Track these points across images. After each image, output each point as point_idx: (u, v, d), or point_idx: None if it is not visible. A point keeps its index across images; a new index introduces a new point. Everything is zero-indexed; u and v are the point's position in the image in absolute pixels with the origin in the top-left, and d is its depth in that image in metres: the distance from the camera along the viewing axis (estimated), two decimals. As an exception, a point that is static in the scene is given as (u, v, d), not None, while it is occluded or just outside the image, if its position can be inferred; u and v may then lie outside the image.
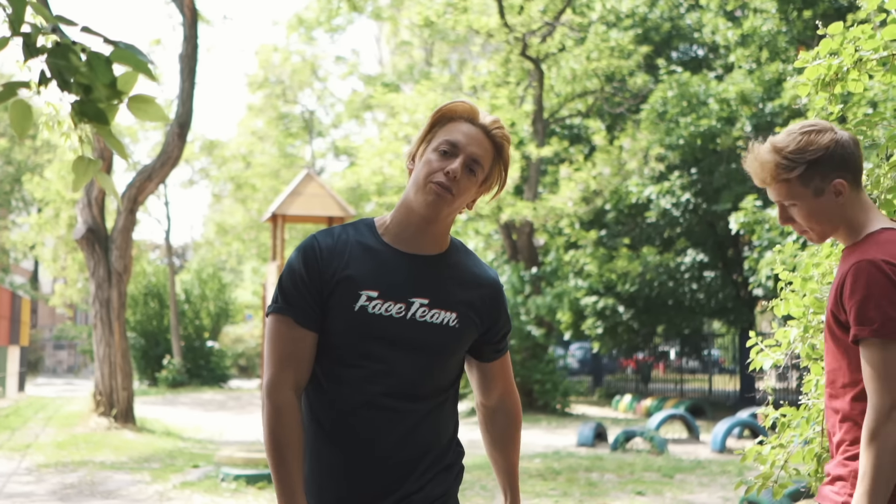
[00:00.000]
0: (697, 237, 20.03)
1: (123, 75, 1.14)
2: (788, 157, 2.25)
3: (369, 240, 2.05)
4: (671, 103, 17.88)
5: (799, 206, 2.24)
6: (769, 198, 2.31)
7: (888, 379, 2.02)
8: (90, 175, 1.20)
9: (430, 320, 2.01)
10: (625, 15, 20.73)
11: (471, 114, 2.06)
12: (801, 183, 2.23)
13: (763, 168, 2.29)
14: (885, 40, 2.65)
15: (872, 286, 2.06)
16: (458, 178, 2.00)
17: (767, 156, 2.29)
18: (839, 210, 2.21)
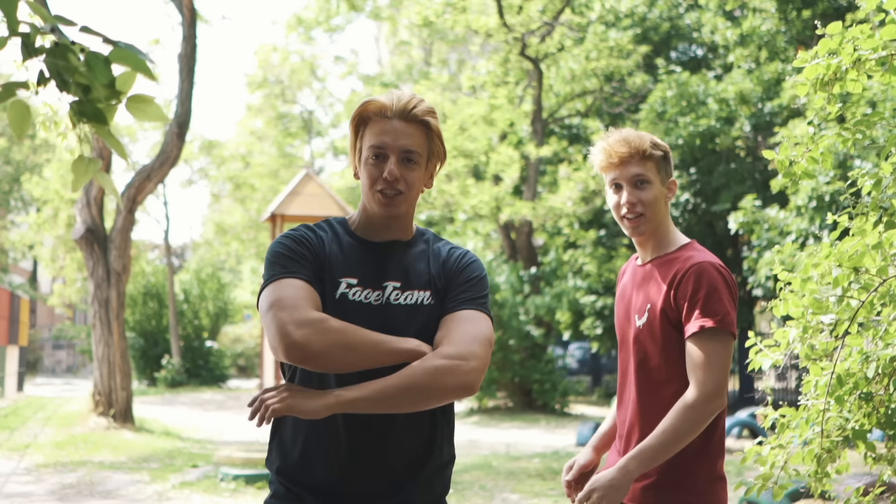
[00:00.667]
0: (696, 237, 20.00)
1: (122, 75, 1.14)
2: (655, 141, 2.51)
3: (342, 234, 2.10)
4: (670, 103, 17.89)
5: (649, 189, 2.48)
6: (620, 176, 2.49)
7: (719, 368, 2.33)
8: (90, 175, 1.20)
9: (403, 302, 2.03)
10: (624, 15, 20.74)
11: (383, 109, 2.04)
12: (658, 166, 2.50)
13: (640, 141, 2.47)
14: (883, 40, 2.65)
15: (715, 284, 2.38)
16: (400, 176, 2.03)
17: (641, 134, 2.50)
18: (665, 209, 2.53)
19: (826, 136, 2.84)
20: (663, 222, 2.56)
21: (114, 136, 1.16)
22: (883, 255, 2.68)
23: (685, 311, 2.40)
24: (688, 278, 2.40)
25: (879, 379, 2.76)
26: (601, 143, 2.54)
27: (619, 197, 2.52)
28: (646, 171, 2.48)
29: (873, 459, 2.91)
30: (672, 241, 2.57)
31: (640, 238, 2.57)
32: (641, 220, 2.50)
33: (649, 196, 2.48)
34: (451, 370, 1.91)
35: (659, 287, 2.47)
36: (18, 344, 20.86)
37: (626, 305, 2.61)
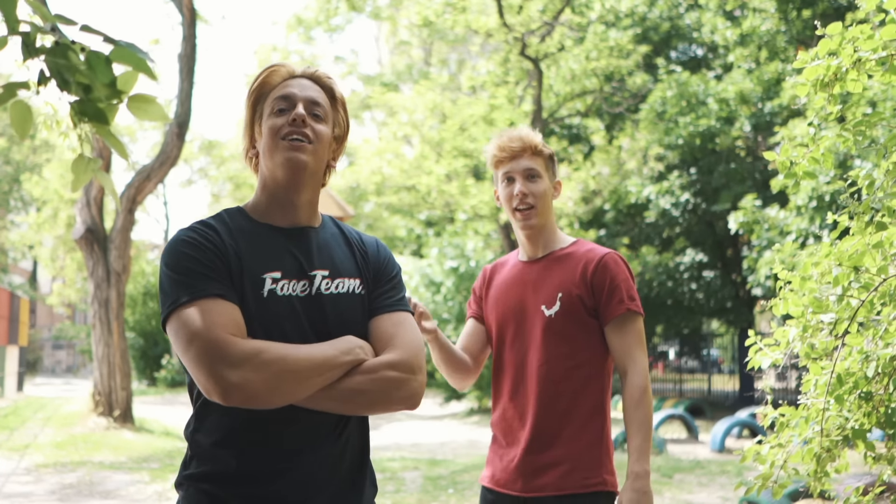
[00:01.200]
0: (696, 237, 20.05)
1: (123, 75, 1.14)
2: (543, 141, 2.70)
3: (243, 223, 1.86)
4: (670, 103, 17.89)
5: (540, 182, 2.64)
6: (513, 169, 2.64)
7: (644, 346, 2.57)
8: (90, 175, 1.20)
9: (335, 291, 1.85)
10: (624, 14, 20.74)
11: (287, 73, 1.92)
12: (546, 164, 2.69)
13: (532, 137, 2.65)
14: (883, 40, 2.65)
15: (626, 272, 2.60)
16: (308, 123, 1.86)
17: (531, 131, 2.67)
18: (551, 206, 2.70)
19: (826, 137, 2.85)
20: (552, 219, 2.72)
21: (114, 135, 1.16)
22: (883, 255, 2.68)
23: (604, 297, 2.56)
24: (602, 267, 2.58)
25: (879, 378, 2.77)
26: (494, 140, 2.69)
27: (511, 189, 2.65)
28: (536, 165, 2.64)
29: (873, 459, 2.91)
30: (562, 239, 2.73)
31: (530, 232, 2.67)
32: (533, 212, 2.63)
33: (540, 189, 2.64)
34: (402, 383, 1.79)
35: (569, 277, 2.60)
36: (18, 344, 20.86)
37: (519, 299, 2.67)
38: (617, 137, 18.93)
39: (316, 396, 1.72)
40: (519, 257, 2.79)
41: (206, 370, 1.66)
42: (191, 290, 1.72)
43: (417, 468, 9.69)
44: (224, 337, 1.67)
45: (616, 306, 2.56)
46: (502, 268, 2.81)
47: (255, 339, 1.71)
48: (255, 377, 1.65)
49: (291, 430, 1.77)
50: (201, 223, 1.83)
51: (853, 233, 2.77)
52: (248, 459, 1.76)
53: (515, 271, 2.75)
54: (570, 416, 2.55)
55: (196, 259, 1.75)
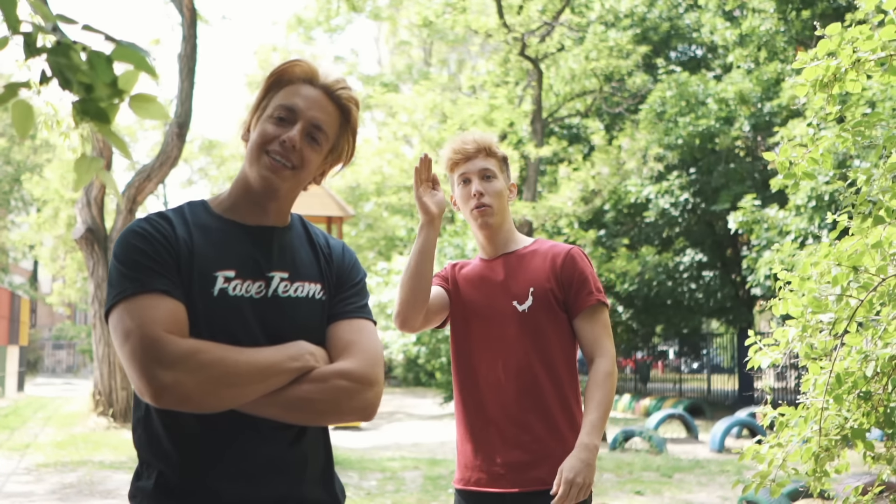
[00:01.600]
0: (696, 237, 20.06)
1: (124, 74, 1.15)
2: (496, 143, 2.76)
3: (204, 218, 1.76)
4: (670, 103, 17.90)
5: (496, 182, 2.69)
6: (469, 170, 2.70)
7: (611, 335, 2.66)
8: (92, 174, 1.20)
9: (293, 295, 1.74)
10: (623, 15, 20.75)
11: (310, 74, 1.82)
12: (501, 164, 2.75)
13: (485, 138, 2.71)
14: (882, 41, 2.66)
15: (591, 266, 2.69)
16: (298, 148, 1.74)
17: (487, 134, 2.74)
18: (507, 206, 2.75)
19: (826, 137, 2.85)
20: (509, 219, 2.78)
21: (116, 134, 1.17)
22: (882, 255, 2.69)
23: (574, 289, 2.63)
24: (571, 261, 2.65)
25: (878, 378, 2.77)
26: (447, 144, 2.75)
27: (468, 189, 2.70)
28: (491, 166, 2.69)
29: (872, 458, 2.91)
30: (521, 238, 2.80)
31: (488, 231, 2.72)
32: (489, 210, 2.68)
33: (496, 188, 2.69)
34: (354, 394, 1.68)
35: (539, 272, 2.66)
36: (19, 344, 20.87)
37: (486, 297, 2.69)
38: (617, 137, 18.94)
39: (258, 402, 1.61)
40: (480, 257, 2.82)
41: (139, 369, 1.56)
42: (134, 283, 1.62)
43: (417, 468, 9.69)
44: (160, 334, 1.56)
45: (586, 298, 2.62)
46: (465, 267, 2.82)
47: (196, 340, 1.60)
48: (188, 379, 1.55)
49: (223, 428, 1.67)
50: (157, 214, 1.74)
51: (852, 232, 2.78)
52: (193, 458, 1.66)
53: (479, 270, 2.77)
54: (552, 409, 2.58)
55: (144, 252, 1.65)
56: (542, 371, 2.60)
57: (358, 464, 9.79)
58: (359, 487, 8.37)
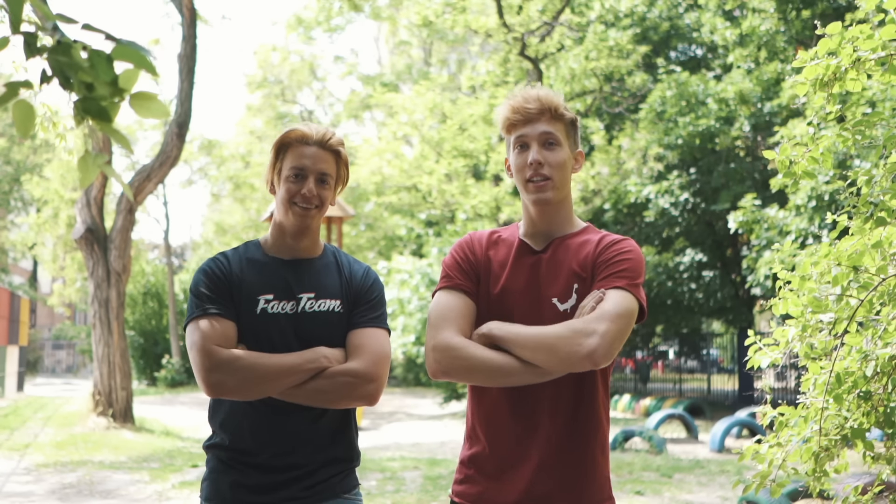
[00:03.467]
0: (696, 237, 20.06)
1: (125, 72, 1.15)
2: (565, 104, 2.35)
3: (255, 254, 2.43)
4: (670, 103, 17.90)
5: (559, 151, 2.29)
6: (528, 135, 2.28)
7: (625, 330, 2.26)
8: (97, 170, 1.20)
9: (318, 309, 2.37)
10: (623, 14, 20.75)
11: (304, 138, 2.38)
12: (567, 130, 2.34)
13: (551, 98, 2.30)
14: (883, 40, 2.66)
15: (639, 260, 2.31)
16: (316, 194, 2.37)
17: (554, 93, 2.33)
18: (570, 181, 2.35)
19: (826, 136, 2.85)
20: (569, 196, 2.36)
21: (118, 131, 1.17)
22: (882, 254, 2.69)
23: (599, 272, 2.22)
24: (610, 246, 2.25)
25: (878, 378, 2.77)
26: (507, 100, 2.33)
27: (524, 157, 2.28)
28: (555, 130, 2.29)
29: (872, 458, 2.91)
30: (576, 221, 2.38)
31: (543, 209, 2.29)
32: (548, 184, 2.27)
33: (559, 158, 2.28)
34: (356, 388, 2.29)
35: (585, 264, 2.25)
36: (18, 344, 20.87)
37: (527, 289, 2.27)
38: (616, 137, 18.94)
39: (287, 393, 2.27)
40: (521, 235, 2.36)
41: (197, 371, 2.26)
42: (198, 309, 2.31)
43: (417, 468, 9.69)
44: (210, 347, 2.24)
45: (609, 279, 2.18)
46: (500, 245, 2.37)
47: (237, 349, 2.27)
48: (229, 378, 2.22)
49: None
50: (222, 255, 2.43)
51: (852, 232, 2.78)
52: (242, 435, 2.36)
53: (519, 253, 2.32)
54: (586, 426, 2.22)
55: (207, 284, 2.35)
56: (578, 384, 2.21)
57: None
58: (359, 487, 8.37)
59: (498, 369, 2.15)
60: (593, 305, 2.14)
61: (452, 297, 2.30)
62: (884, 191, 2.70)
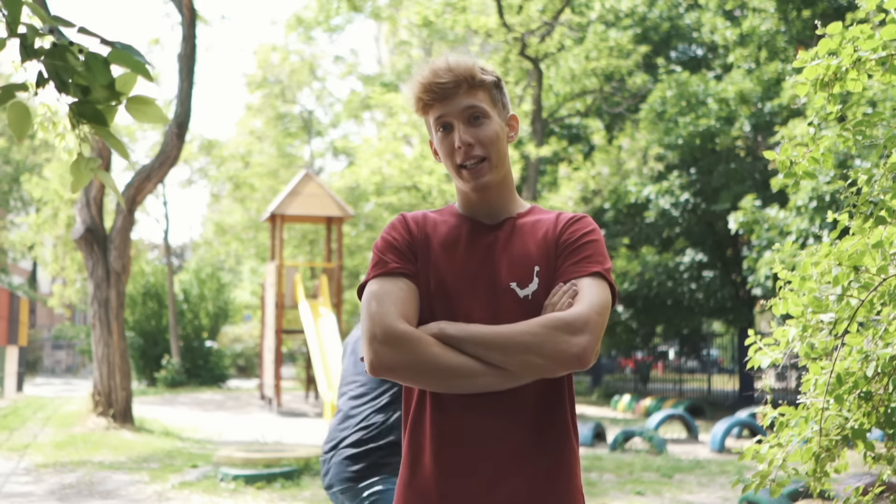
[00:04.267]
0: (696, 237, 20.05)
1: (122, 76, 1.14)
2: (482, 65, 1.99)
3: None
4: (670, 103, 17.89)
5: (488, 125, 1.95)
6: (448, 113, 1.95)
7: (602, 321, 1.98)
8: (89, 175, 1.20)
9: None
10: (624, 14, 20.75)
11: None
12: (493, 97, 1.99)
13: (464, 66, 1.94)
14: (883, 40, 2.65)
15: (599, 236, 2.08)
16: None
17: (466, 58, 1.97)
18: (507, 152, 2.01)
19: (826, 137, 2.84)
20: (509, 171, 2.03)
21: (114, 136, 1.16)
22: (883, 254, 2.68)
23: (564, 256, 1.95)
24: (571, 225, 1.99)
25: (879, 378, 2.77)
26: (414, 76, 1.99)
27: (450, 139, 1.95)
28: (479, 102, 1.94)
29: (873, 459, 2.91)
30: (520, 200, 2.09)
31: (486, 194, 1.98)
32: (484, 166, 1.94)
33: (490, 132, 1.95)
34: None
35: (545, 245, 1.96)
36: (18, 344, 20.87)
37: (475, 273, 1.95)
38: (617, 137, 18.94)
39: None
40: (463, 212, 2.05)
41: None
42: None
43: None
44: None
45: (578, 265, 1.92)
46: (439, 225, 2.03)
47: None
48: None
49: None
50: None
51: (853, 232, 2.77)
52: None
53: (464, 233, 2.00)
54: (551, 424, 1.93)
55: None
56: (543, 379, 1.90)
57: (358, 464, 9.79)
58: (359, 488, 8.37)
59: (455, 370, 1.79)
60: (570, 298, 1.86)
61: (390, 282, 1.91)
62: (884, 190, 2.69)
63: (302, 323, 17.14)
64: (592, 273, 1.91)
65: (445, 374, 1.81)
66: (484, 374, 1.81)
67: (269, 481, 8.30)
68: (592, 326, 1.82)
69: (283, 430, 13.50)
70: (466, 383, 1.81)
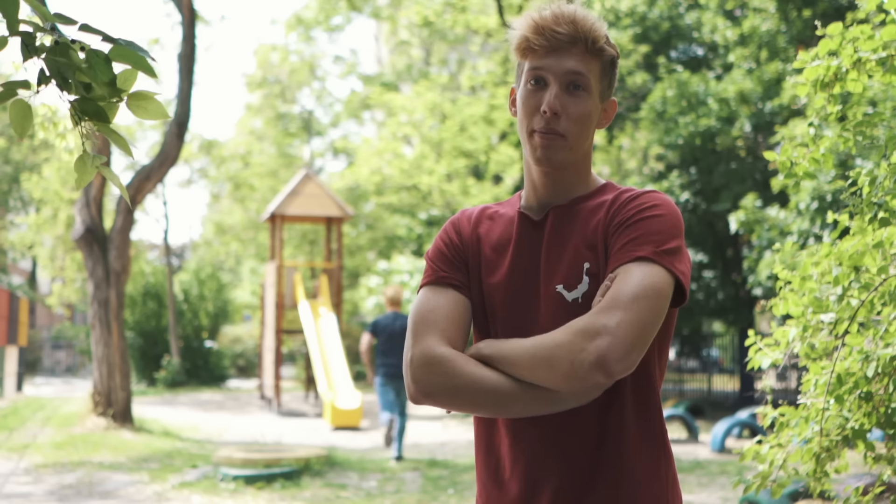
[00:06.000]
0: (696, 237, 20.05)
1: (123, 73, 1.14)
2: (608, 35, 1.73)
3: None
4: (670, 102, 17.89)
5: (583, 99, 1.69)
6: (549, 67, 1.67)
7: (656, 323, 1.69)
8: (93, 172, 1.20)
9: None
10: (624, 14, 20.75)
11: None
12: (603, 71, 1.73)
13: (590, 24, 1.68)
14: (884, 40, 2.65)
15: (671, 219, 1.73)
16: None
17: (595, 17, 1.71)
18: (591, 138, 1.74)
19: (827, 137, 2.84)
20: (587, 158, 1.76)
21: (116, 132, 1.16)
22: (883, 255, 2.68)
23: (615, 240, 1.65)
24: (626, 203, 1.68)
25: (879, 378, 2.76)
26: (530, 15, 1.69)
27: (538, 98, 1.68)
28: (587, 71, 1.68)
29: (873, 459, 2.91)
30: (593, 181, 1.78)
31: (547, 172, 1.72)
32: (560, 143, 1.68)
33: (583, 110, 1.68)
34: None
35: (598, 236, 1.67)
36: (18, 344, 20.86)
37: (521, 274, 1.72)
38: (617, 137, 18.94)
39: None
40: (521, 207, 1.79)
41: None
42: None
43: (417, 468, 9.68)
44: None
45: (629, 249, 1.60)
46: (495, 221, 1.81)
47: None
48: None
49: None
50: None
51: (853, 232, 2.77)
52: None
53: (515, 229, 1.76)
54: (613, 446, 1.65)
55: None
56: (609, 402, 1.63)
57: (358, 464, 9.79)
58: (358, 488, 8.37)
59: (489, 392, 1.57)
60: (604, 292, 1.58)
61: (436, 294, 1.72)
62: (885, 191, 2.69)
63: (302, 323, 17.14)
64: (638, 258, 1.57)
65: (486, 399, 1.59)
66: (520, 398, 1.57)
67: (269, 481, 8.29)
68: (617, 324, 1.50)
69: (282, 430, 13.50)
70: (503, 407, 1.59)
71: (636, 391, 1.68)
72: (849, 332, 2.76)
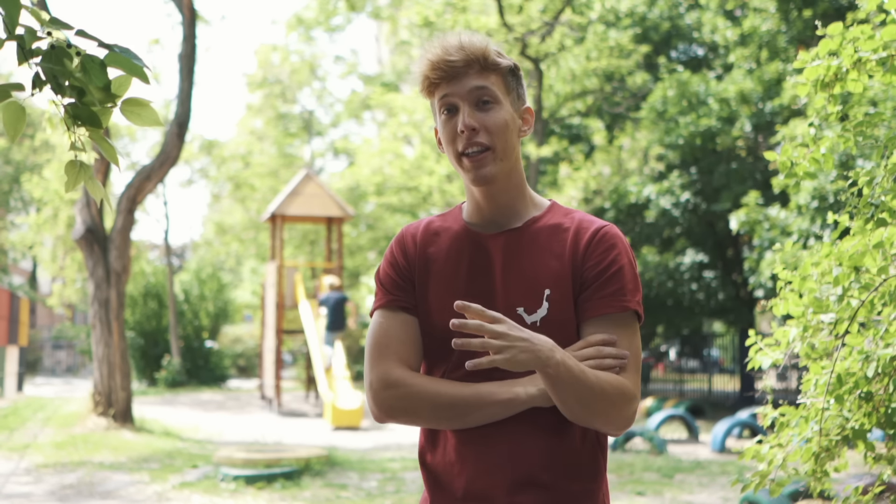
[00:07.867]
0: (697, 237, 20.04)
1: (117, 79, 1.13)
2: (499, 49, 1.80)
3: None
4: (671, 103, 17.89)
5: (496, 111, 1.75)
6: (454, 93, 1.75)
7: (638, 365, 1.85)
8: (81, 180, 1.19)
9: None
10: (624, 14, 20.75)
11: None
12: (507, 83, 1.79)
13: (477, 45, 1.75)
14: (884, 40, 2.65)
15: (631, 257, 1.82)
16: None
17: (480, 37, 1.78)
18: (518, 147, 1.79)
19: (827, 137, 2.84)
20: (519, 169, 1.81)
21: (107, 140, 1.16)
22: (883, 255, 2.68)
23: (592, 285, 1.73)
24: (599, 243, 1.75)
25: (879, 378, 2.76)
26: (423, 53, 1.79)
27: (454, 123, 1.75)
28: (490, 84, 1.75)
29: (873, 459, 2.91)
30: (537, 201, 1.86)
31: (487, 189, 1.76)
32: (488, 156, 1.73)
33: (498, 119, 1.74)
34: None
35: (559, 260, 1.74)
36: (18, 344, 20.87)
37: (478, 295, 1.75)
38: (617, 137, 18.93)
39: None
40: (466, 219, 1.84)
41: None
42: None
43: (418, 469, 9.67)
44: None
45: (608, 300, 1.71)
46: (440, 236, 1.84)
47: None
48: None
49: None
50: None
51: (854, 232, 2.77)
52: None
53: (466, 245, 1.80)
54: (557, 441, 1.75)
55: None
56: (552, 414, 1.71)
57: (358, 464, 9.78)
58: (359, 488, 8.36)
59: (447, 406, 1.68)
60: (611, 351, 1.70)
61: (388, 318, 1.78)
62: (885, 191, 2.69)
63: (302, 323, 17.14)
64: (624, 307, 1.72)
65: (446, 412, 1.69)
66: (483, 406, 1.68)
67: (270, 481, 8.29)
68: (635, 386, 1.72)
69: (283, 430, 13.50)
70: (473, 416, 1.68)
71: None
72: (849, 332, 2.76)
